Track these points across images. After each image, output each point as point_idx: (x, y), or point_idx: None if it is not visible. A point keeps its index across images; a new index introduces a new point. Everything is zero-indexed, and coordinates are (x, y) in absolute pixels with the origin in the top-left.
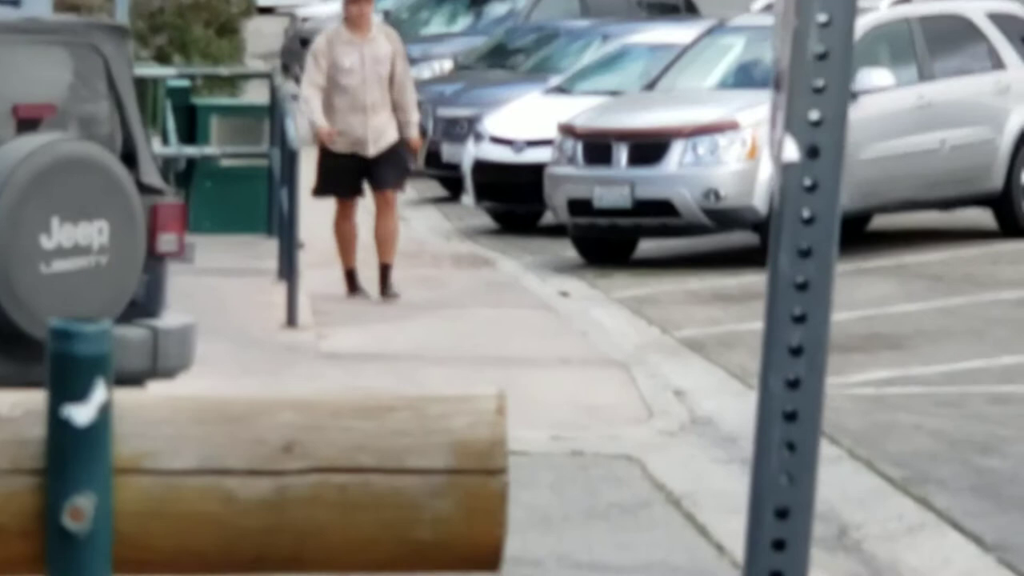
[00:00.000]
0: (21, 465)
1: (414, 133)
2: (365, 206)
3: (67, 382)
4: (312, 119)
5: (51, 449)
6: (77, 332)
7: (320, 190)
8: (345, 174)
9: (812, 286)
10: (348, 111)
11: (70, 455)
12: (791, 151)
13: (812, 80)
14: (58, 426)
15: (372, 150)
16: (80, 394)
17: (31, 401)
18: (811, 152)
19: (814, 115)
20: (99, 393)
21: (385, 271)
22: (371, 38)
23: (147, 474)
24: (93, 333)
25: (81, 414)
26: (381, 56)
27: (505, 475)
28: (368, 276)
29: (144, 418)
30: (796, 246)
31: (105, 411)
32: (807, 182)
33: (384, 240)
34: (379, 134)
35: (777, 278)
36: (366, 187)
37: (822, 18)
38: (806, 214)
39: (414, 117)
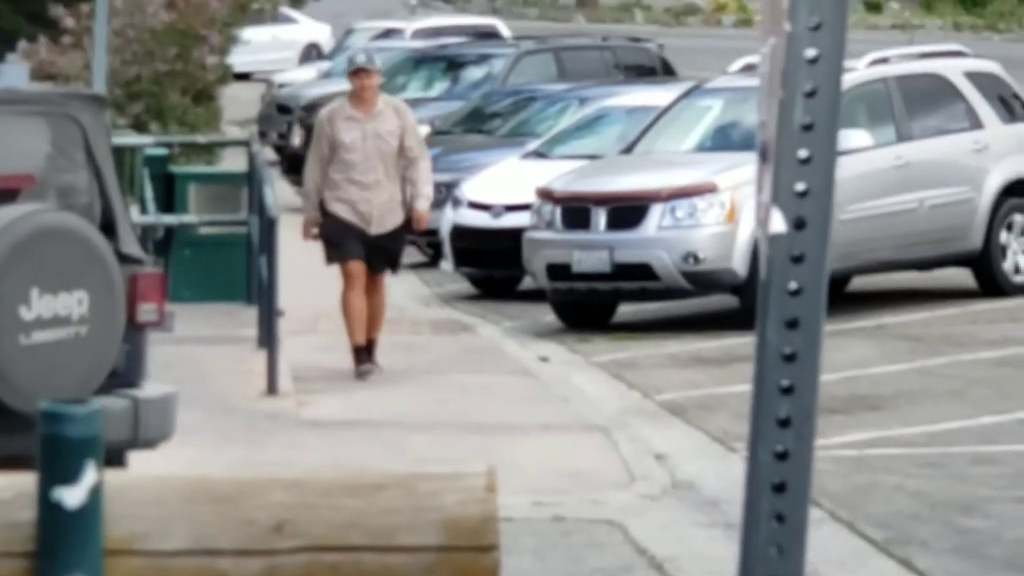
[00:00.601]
0: (11, 548)
1: (423, 205)
2: None
3: (57, 464)
4: (303, 203)
5: (42, 532)
6: (67, 414)
7: (331, 257)
8: (351, 236)
9: (799, 357)
10: (350, 186)
11: (61, 537)
12: (778, 223)
13: (798, 151)
14: (49, 508)
15: (375, 229)
16: (71, 476)
17: (21, 483)
18: (798, 224)
19: (800, 186)
20: (89, 475)
21: (369, 344)
22: (376, 113)
23: (138, 556)
24: (82, 415)
25: (72, 496)
26: (385, 132)
27: (496, 552)
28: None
29: (134, 499)
30: (783, 317)
31: (96, 493)
32: (794, 253)
33: (371, 316)
34: (383, 213)
35: (764, 349)
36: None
37: (808, 88)
38: (793, 285)
39: (426, 190)
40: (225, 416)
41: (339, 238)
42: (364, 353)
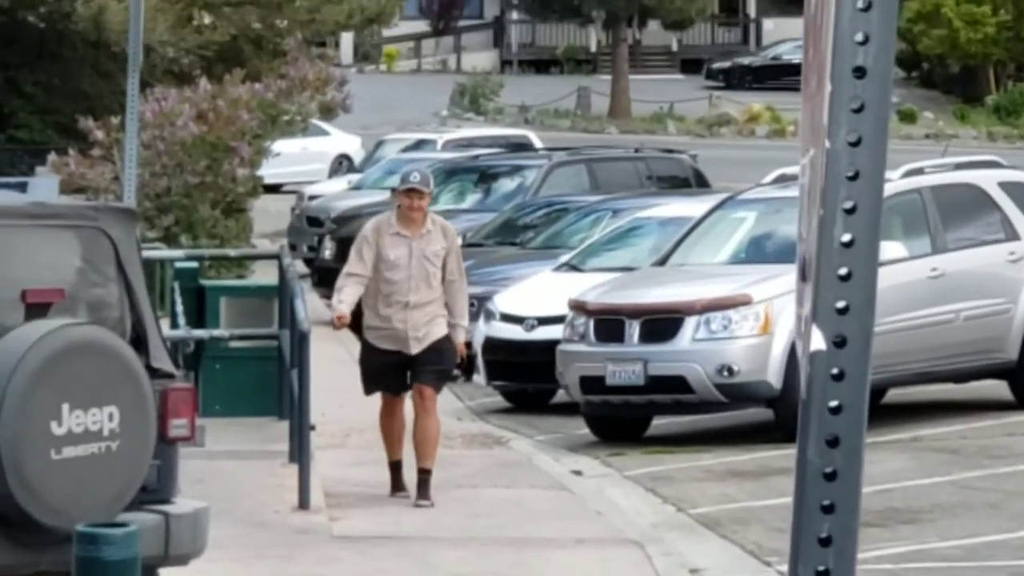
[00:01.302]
0: None
1: (461, 338)
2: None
3: None
4: (334, 301)
5: None
6: (104, 536)
7: (369, 388)
8: (388, 370)
9: (841, 476)
10: (390, 305)
11: None
12: (818, 340)
13: (838, 268)
14: None
15: (415, 348)
16: None
17: None
18: (838, 341)
19: (840, 303)
20: None
21: (424, 476)
22: (423, 232)
23: None
24: (120, 537)
25: None
26: (431, 253)
27: None
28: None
29: None
30: (824, 435)
31: None
32: (834, 371)
33: (423, 443)
34: (422, 331)
35: (805, 468)
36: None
37: (848, 205)
38: (833, 403)
39: (464, 321)
40: (257, 531)
41: (379, 370)
42: (401, 473)
